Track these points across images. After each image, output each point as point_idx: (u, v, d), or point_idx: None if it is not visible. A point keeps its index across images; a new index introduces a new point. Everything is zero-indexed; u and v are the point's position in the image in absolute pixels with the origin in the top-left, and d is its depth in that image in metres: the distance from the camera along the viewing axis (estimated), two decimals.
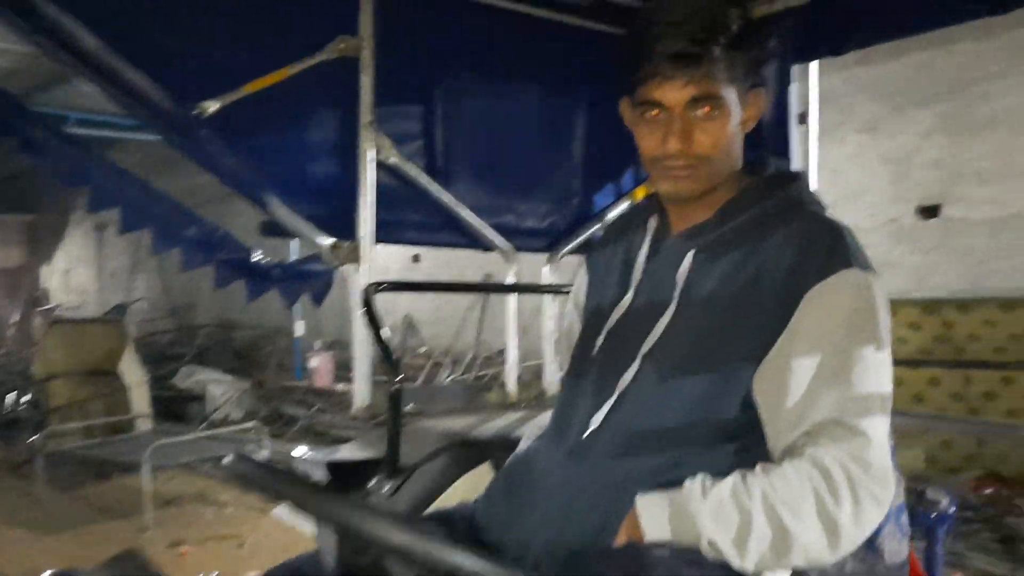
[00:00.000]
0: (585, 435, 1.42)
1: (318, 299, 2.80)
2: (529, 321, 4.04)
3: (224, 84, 2.67)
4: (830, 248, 1.34)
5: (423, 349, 9.95)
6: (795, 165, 3.29)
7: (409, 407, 2.78)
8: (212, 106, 2.64)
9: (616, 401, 1.41)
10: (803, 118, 3.39)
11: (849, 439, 1.24)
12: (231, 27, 2.73)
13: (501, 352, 1.73)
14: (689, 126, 1.38)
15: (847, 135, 6.52)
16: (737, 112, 1.41)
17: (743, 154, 1.45)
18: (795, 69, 3.31)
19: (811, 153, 3.43)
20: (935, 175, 6.26)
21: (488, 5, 3.08)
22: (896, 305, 1.30)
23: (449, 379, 8.34)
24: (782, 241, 1.37)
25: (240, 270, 2.65)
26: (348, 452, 2.57)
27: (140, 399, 7.51)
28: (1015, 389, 5.26)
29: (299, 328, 10.32)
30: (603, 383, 1.45)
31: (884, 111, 6.43)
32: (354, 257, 2.81)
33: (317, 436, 8.99)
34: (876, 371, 1.29)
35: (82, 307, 16.03)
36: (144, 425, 7.26)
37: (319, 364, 9.67)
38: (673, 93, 1.37)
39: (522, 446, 1.62)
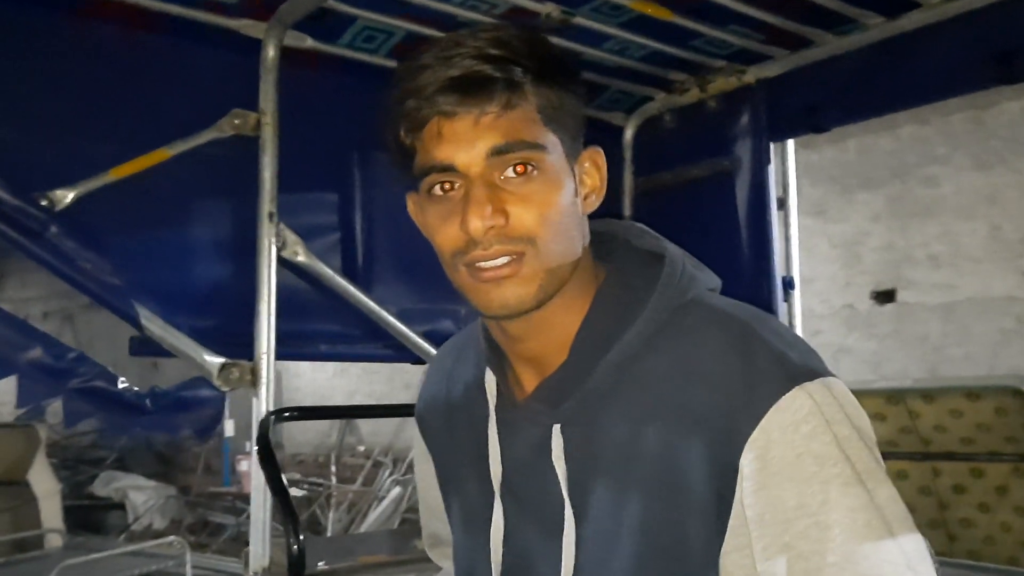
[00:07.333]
0: None
1: (203, 433, 2.23)
2: None
3: (82, 169, 2.13)
4: (745, 368, 0.87)
5: (362, 448, 9.38)
6: (777, 253, 2.85)
7: (321, 566, 2.26)
8: (66, 196, 2.10)
9: None
10: (781, 202, 2.97)
11: None
12: (92, 100, 2.21)
13: None
14: (498, 194, 0.89)
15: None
16: (568, 175, 0.92)
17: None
18: (772, 148, 2.88)
19: (793, 240, 3.00)
20: (886, 259, 6.29)
21: None
22: (860, 396, 0.91)
23: (374, 520, 7.78)
24: (677, 378, 0.90)
25: (98, 402, 2.07)
26: None
27: (51, 511, 7.01)
28: (985, 481, 4.87)
29: (229, 428, 9.74)
30: None
31: (830, 195, 6.34)
32: (251, 379, 2.25)
33: (246, 546, 8.56)
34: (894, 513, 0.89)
35: None
36: (54, 541, 6.79)
37: (250, 467, 9.00)
38: (463, 143, 0.88)
39: None
